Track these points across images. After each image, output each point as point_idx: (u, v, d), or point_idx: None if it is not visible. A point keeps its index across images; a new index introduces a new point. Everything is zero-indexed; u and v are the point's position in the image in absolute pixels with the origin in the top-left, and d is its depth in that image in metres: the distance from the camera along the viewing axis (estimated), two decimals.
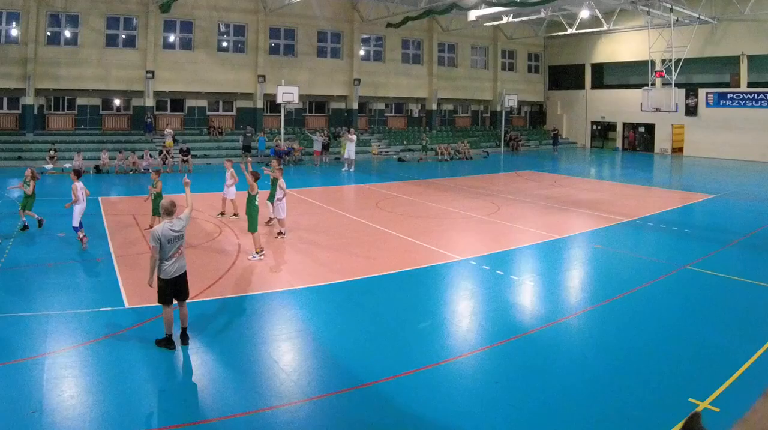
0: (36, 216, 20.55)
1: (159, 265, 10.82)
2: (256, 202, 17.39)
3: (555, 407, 9.02)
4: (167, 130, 43.51)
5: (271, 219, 21.43)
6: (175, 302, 11.22)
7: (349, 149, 42.06)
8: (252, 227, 17.25)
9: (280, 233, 19.73)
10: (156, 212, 19.41)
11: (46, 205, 21.32)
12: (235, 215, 22.57)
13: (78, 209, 18.41)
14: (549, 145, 60.33)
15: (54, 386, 9.32)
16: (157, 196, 19.68)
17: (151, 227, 19.00)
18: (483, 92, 62.64)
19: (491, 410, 8.98)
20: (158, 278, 10.89)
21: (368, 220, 22.85)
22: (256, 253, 17.10)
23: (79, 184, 18.53)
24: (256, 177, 17.58)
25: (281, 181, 19.45)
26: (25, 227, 20.29)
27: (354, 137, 43.21)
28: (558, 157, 53.83)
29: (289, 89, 43.81)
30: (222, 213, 23.27)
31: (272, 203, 20.65)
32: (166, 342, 10.98)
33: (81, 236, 18.38)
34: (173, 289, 11.02)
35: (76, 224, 18.36)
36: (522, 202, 28.03)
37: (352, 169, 40.81)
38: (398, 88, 56.74)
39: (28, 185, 20.16)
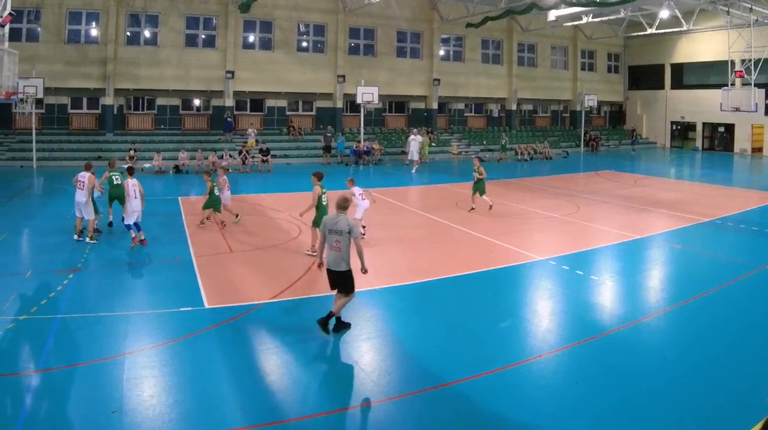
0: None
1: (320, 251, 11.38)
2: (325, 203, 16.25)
3: (634, 407, 8.62)
4: (249, 131, 42.14)
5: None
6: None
7: (413, 150, 40.12)
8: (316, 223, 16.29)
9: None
10: (207, 206, 20.12)
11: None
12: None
13: (130, 207, 17.57)
14: (628, 145, 57.27)
15: (134, 386, 9.01)
16: (211, 194, 19.87)
17: (202, 222, 20.25)
18: (562, 92, 59.07)
19: (570, 410, 8.57)
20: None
21: (447, 220, 21.93)
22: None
23: (131, 182, 17.81)
24: (319, 177, 16.51)
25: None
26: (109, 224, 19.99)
27: (418, 137, 41.16)
28: (637, 157, 51.31)
29: (368, 89, 42.00)
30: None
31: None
32: (323, 321, 11.11)
33: (133, 235, 17.52)
34: (330, 278, 11.18)
35: (129, 221, 17.52)
36: (601, 202, 26.90)
37: (414, 170, 38.60)
38: (478, 88, 53.63)
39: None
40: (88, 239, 17.60)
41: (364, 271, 10.91)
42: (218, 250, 17.29)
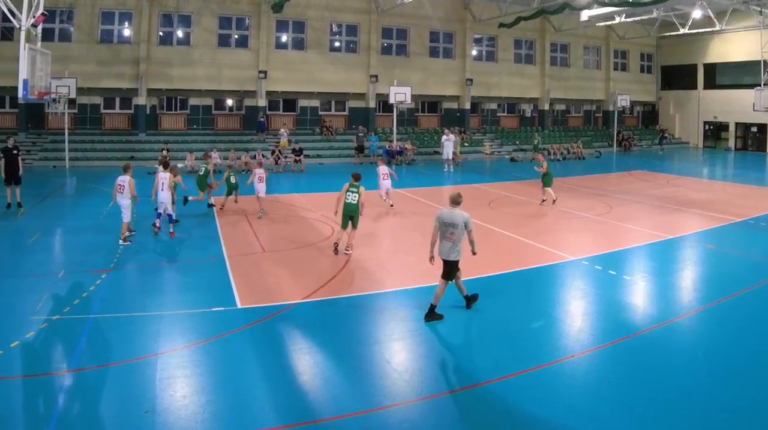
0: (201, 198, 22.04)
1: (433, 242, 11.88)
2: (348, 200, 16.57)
3: (666, 407, 8.42)
4: (282, 131, 41.28)
5: None
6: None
7: (447, 149, 39.03)
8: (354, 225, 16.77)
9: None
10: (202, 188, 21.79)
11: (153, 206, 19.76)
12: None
13: (158, 199, 18.37)
14: (656, 146, 56.19)
15: (166, 386, 8.90)
16: (227, 181, 22.01)
17: (222, 207, 22.25)
18: (595, 92, 57.79)
19: (603, 410, 8.44)
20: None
21: (480, 219, 20.85)
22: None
23: (161, 175, 18.49)
24: (356, 178, 16.80)
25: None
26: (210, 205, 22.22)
27: (452, 137, 39.97)
28: (669, 157, 50.48)
29: (401, 89, 40.90)
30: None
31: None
32: (431, 313, 11.59)
33: (157, 224, 18.60)
34: (445, 267, 11.66)
35: (160, 210, 18.50)
36: (634, 202, 26.39)
37: (450, 170, 38.12)
38: (510, 88, 52.50)
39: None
40: (121, 242, 17.32)
41: (473, 253, 11.97)
42: (251, 250, 17.14)
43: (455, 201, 11.94)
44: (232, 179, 22.18)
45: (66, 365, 9.52)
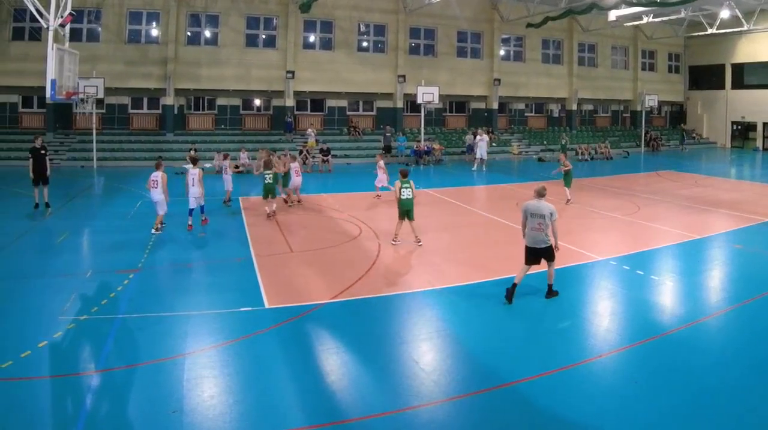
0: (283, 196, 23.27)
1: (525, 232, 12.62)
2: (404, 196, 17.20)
3: (694, 408, 8.35)
4: (309, 130, 40.76)
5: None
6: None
7: (481, 149, 38.27)
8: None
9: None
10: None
11: (185, 205, 19.67)
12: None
13: (190, 193, 18.91)
14: (690, 145, 55.53)
15: (194, 386, 8.81)
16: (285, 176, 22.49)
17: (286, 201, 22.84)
18: (623, 92, 56.67)
19: (630, 410, 8.28)
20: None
21: (508, 219, 21.30)
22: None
23: (192, 171, 18.98)
24: (404, 174, 17.48)
25: None
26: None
27: (485, 137, 39.28)
28: (696, 156, 49.56)
29: (429, 89, 40.31)
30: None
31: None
32: (508, 293, 12.32)
33: (190, 221, 19.17)
34: (531, 255, 12.50)
35: (191, 206, 19.11)
36: (662, 202, 25.96)
37: (483, 169, 37.62)
38: (538, 88, 51.65)
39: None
40: (153, 230, 18.03)
41: (557, 248, 12.57)
42: (279, 250, 16.99)
43: (540, 193, 12.58)
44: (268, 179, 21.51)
45: (93, 365, 9.44)
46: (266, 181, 21.03)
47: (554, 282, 12.96)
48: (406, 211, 17.06)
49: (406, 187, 17.00)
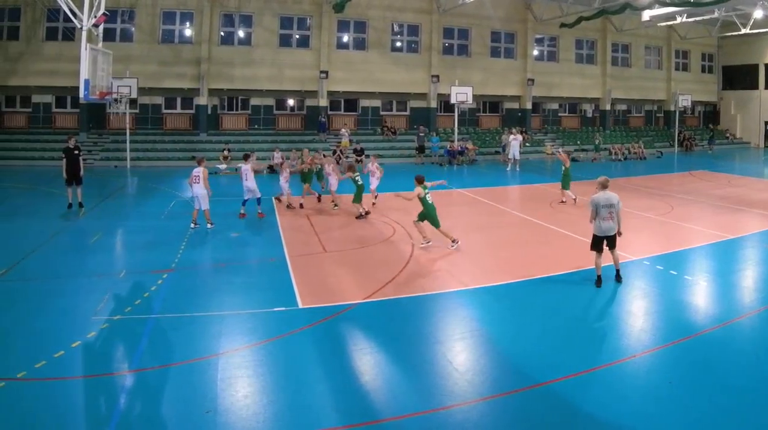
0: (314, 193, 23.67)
1: (594, 223, 13.17)
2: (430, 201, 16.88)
3: (728, 408, 8.12)
4: (343, 131, 40.21)
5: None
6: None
7: (514, 149, 37.84)
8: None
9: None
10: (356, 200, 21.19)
11: (219, 206, 20.55)
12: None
13: (245, 187, 20.16)
14: (724, 145, 54.47)
15: (228, 386, 8.69)
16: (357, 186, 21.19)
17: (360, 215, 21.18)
18: (656, 92, 55.35)
19: (664, 410, 8.10)
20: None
21: (541, 219, 21.25)
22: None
23: (244, 166, 20.18)
24: (420, 180, 16.87)
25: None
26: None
27: (519, 137, 38.79)
28: (730, 156, 48.37)
29: (462, 89, 39.66)
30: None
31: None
32: (597, 281, 13.12)
33: (242, 211, 20.41)
34: (601, 243, 13.16)
35: (245, 197, 20.35)
36: (695, 202, 25.68)
37: (516, 169, 37.15)
38: (572, 88, 50.55)
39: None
40: (208, 225, 18.45)
41: (620, 233, 13.31)
42: (312, 250, 16.87)
43: (604, 185, 13.17)
44: (359, 182, 21.39)
45: (127, 365, 9.40)
46: (359, 183, 21.00)
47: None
48: (432, 217, 16.73)
49: (428, 193, 16.73)
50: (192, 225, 18.41)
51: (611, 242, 13.24)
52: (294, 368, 9.37)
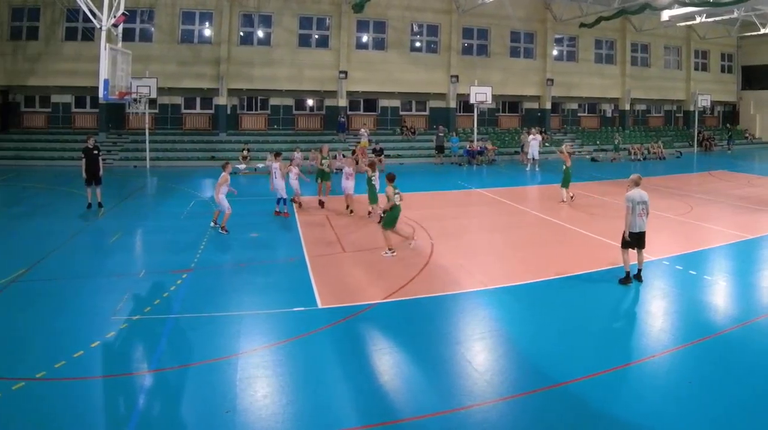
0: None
1: (629, 220, 13.27)
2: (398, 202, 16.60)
3: (749, 408, 8.15)
4: (362, 131, 39.79)
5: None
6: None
7: (533, 149, 37.42)
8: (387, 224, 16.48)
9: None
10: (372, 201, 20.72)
11: (238, 206, 19.98)
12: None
13: (275, 185, 20.51)
14: (743, 145, 53.83)
15: (247, 385, 8.72)
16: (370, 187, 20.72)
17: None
18: (675, 92, 54.63)
19: (684, 410, 8.14)
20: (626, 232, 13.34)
21: (560, 219, 21.29)
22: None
23: (275, 164, 20.45)
24: (391, 179, 16.80)
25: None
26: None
27: (538, 137, 38.30)
28: (749, 156, 47.75)
29: (482, 89, 39.37)
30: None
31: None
32: (625, 279, 13.22)
33: (277, 208, 20.66)
34: (635, 240, 13.26)
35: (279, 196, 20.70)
36: (715, 202, 25.53)
37: (536, 169, 36.84)
38: (591, 88, 49.95)
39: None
40: (220, 230, 18.07)
41: None
42: (331, 250, 16.85)
43: (637, 182, 13.48)
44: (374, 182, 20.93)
45: (146, 365, 9.41)
46: (373, 183, 20.71)
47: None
48: (394, 218, 16.38)
49: (398, 193, 16.45)
50: (212, 224, 18.49)
51: (642, 241, 13.35)
52: (313, 368, 9.37)
